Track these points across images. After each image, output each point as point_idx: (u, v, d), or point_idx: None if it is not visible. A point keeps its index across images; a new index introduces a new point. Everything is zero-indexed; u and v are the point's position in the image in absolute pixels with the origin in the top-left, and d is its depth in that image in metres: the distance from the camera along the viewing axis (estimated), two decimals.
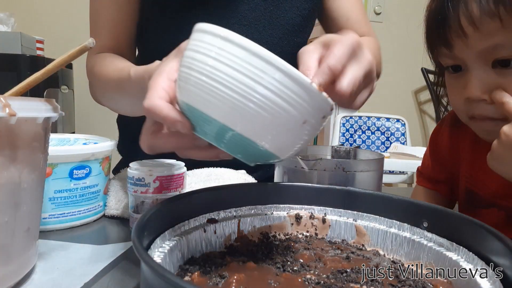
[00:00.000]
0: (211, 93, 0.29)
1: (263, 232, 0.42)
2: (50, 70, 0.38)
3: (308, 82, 0.29)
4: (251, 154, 0.32)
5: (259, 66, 0.28)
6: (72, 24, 2.15)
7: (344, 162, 0.49)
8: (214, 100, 0.29)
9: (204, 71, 0.29)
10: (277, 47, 0.75)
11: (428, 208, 0.37)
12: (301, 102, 0.29)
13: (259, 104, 0.28)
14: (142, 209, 0.51)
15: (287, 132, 0.30)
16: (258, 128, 0.29)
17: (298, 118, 0.30)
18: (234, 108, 0.29)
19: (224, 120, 0.29)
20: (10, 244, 0.34)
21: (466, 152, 0.63)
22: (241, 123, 0.29)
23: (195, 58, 0.30)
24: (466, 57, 0.49)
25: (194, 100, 0.30)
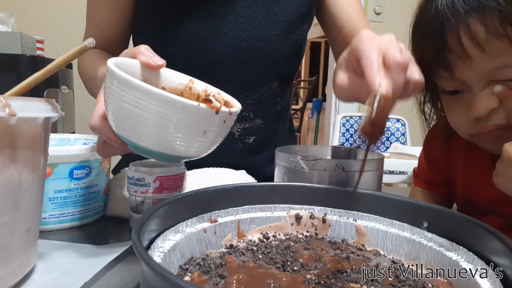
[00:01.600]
0: (125, 122, 0.37)
1: (263, 232, 0.42)
2: (50, 70, 0.38)
3: (195, 105, 0.35)
4: (174, 159, 0.41)
5: (157, 105, 0.35)
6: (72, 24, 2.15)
7: (344, 162, 0.49)
8: (127, 127, 0.38)
9: (114, 107, 0.37)
10: (275, 44, 0.75)
11: (428, 208, 0.37)
12: (194, 121, 0.36)
13: (165, 129, 0.36)
14: (142, 209, 0.51)
15: (196, 142, 0.38)
16: (173, 146, 0.38)
17: (198, 132, 0.37)
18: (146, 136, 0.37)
19: (131, 139, 0.38)
20: (10, 244, 0.34)
21: (460, 160, 0.62)
22: (155, 145, 0.38)
23: (106, 94, 0.38)
24: (468, 78, 0.48)
25: (114, 125, 0.39)
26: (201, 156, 0.42)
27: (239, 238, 0.41)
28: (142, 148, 0.38)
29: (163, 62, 0.44)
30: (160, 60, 0.44)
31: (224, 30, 0.72)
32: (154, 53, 0.45)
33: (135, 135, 0.38)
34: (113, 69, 0.36)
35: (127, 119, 0.37)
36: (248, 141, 0.80)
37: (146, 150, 0.39)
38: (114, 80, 0.36)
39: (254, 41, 0.74)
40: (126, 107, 0.36)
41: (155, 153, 0.39)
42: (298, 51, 0.80)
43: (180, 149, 0.38)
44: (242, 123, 0.79)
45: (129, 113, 0.36)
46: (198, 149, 0.40)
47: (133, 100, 0.35)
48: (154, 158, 0.41)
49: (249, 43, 0.73)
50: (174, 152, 0.38)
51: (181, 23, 0.71)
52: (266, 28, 0.74)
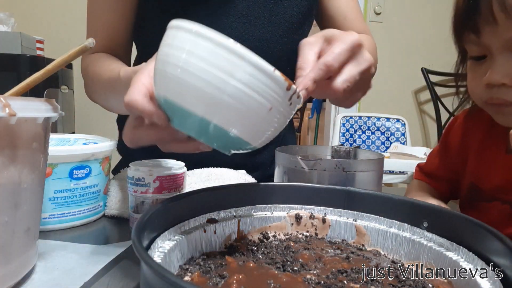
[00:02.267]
0: (184, 86, 0.31)
1: (263, 232, 0.42)
2: (50, 70, 0.38)
3: (271, 69, 0.31)
4: (225, 142, 0.34)
5: (228, 59, 0.30)
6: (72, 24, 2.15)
7: (344, 162, 0.49)
8: (187, 92, 0.31)
9: (178, 66, 0.30)
10: (277, 44, 0.75)
11: (428, 208, 0.37)
12: (266, 89, 0.31)
13: (231, 96, 0.30)
14: (142, 209, 0.51)
15: (256, 120, 0.32)
16: (230, 118, 0.31)
17: (265, 105, 0.31)
18: (205, 99, 0.30)
19: (196, 111, 0.31)
20: (10, 244, 0.34)
21: (474, 149, 0.65)
22: (213, 114, 0.31)
23: (169, 54, 0.31)
24: (492, 44, 0.50)
25: (169, 93, 0.32)
26: (253, 144, 0.35)
27: (239, 238, 0.41)
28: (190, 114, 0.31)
29: None
30: None
31: (227, 30, 0.72)
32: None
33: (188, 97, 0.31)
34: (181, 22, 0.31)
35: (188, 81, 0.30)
36: None
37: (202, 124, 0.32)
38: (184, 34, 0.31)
39: (256, 41, 0.74)
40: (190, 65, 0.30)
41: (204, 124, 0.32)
42: None
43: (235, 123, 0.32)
44: None
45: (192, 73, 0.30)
46: (256, 130, 0.33)
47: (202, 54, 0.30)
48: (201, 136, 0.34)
49: (251, 43, 0.73)
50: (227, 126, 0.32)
51: None
52: (268, 28, 0.74)
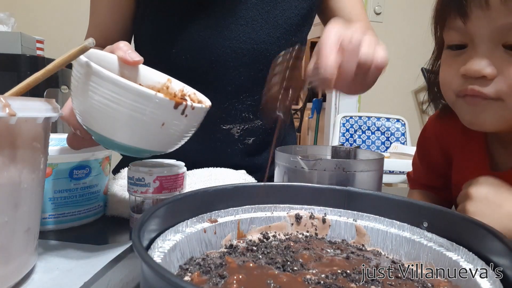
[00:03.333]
0: (87, 113, 0.38)
1: (263, 232, 0.42)
2: (50, 70, 0.38)
3: (153, 94, 0.35)
4: (136, 152, 0.40)
5: (115, 90, 0.35)
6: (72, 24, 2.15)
7: (344, 162, 0.49)
8: (90, 117, 0.38)
9: (80, 97, 0.37)
10: (275, 46, 0.75)
11: (428, 208, 0.37)
12: (152, 110, 0.36)
13: (126, 122, 0.36)
14: (142, 209, 0.51)
15: (155, 135, 0.38)
16: (130, 137, 0.38)
17: (156, 122, 0.37)
18: (107, 125, 0.37)
19: (100, 132, 0.38)
20: (10, 244, 0.34)
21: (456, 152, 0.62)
22: (115, 135, 0.38)
23: (73, 84, 0.38)
24: (478, 31, 0.47)
25: (79, 115, 0.39)
26: (166, 151, 0.42)
27: (239, 238, 0.41)
28: (103, 138, 0.38)
29: (140, 58, 0.45)
30: (137, 56, 0.45)
31: (225, 32, 0.72)
32: (133, 49, 0.45)
33: (95, 124, 0.38)
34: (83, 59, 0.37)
35: (87, 107, 0.37)
36: (248, 142, 0.81)
37: (107, 140, 0.38)
38: (78, 67, 0.37)
39: (255, 43, 0.74)
40: (84, 94, 0.36)
41: (117, 144, 0.38)
42: None
43: (140, 141, 0.38)
44: (242, 124, 0.79)
45: (87, 100, 0.36)
46: (160, 143, 0.40)
47: (91, 86, 0.35)
48: (119, 150, 0.41)
49: (250, 45, 0.73)
50: (133, 144, 0.38)
51: (182, 25, 0.72)
52: (267, 30, 0.74)
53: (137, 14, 0.76)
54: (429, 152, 0.67)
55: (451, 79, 0.51)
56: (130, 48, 0.45)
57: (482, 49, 0.47)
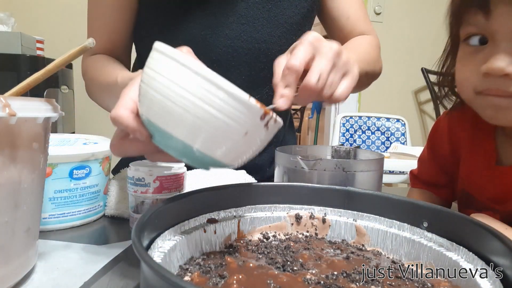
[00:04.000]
0: (165, 110, 0.32)
1: (263, 232, 0.42)
2: (50, 70, 0.38)
3: (246, 98, 0.32)
4: (203, 162, 0.36)
5: (206, 87, 0.31)
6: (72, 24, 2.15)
7: (344, 162, 0.49)
8: (167, 116, 0.33)
9: (159, 90, 0.32)
10: (276, 45, 0.75)
11: (428, 208, 0.37)
12: (241, 116, 0.32)
13: (207, 121, 0.32)
14: (142, 209, 0.51)
15: (232, 144, 0.34)
16: (207, 143, 0.33)
17: (240, 130, 0.33)
18: (185, 125, 0.32)
19: (175, 133, 0.33)
20: (10, 244, 0.34)
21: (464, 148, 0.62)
22: (192, 139, 0.33)
23: (152, 77, 0.33)
24: (501, 28, 0.45)
25: (150, 114, 0.34)
26: (231, 165, 0.37)
27: (239, 238, 0.41)
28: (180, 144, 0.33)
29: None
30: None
31: (226, 31, 0.72)
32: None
33: (175, 127, 0.33)
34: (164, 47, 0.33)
35: (167, 105, 0.32)
36: None
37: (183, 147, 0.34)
38: (166, 61, 0.32)
39: (255, 42, 0.74)
40: (168, 90, 0.32)
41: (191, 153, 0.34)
42: None
43: (218, 150, 0.34)
44: None
45: (169, 97, 0.32)
46: (235, 154, 0.35)
47: (181, 82, 0.32)
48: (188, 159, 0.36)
49: (250, 44, 0.73)
50: (210, 153, 0.34)
51: (182, 23, 0.72)
52: (267, 29, 0.74)
53: (138, 14, 0.76)
54: (439, 146, 0.67)
55: (470, 77, 0.50)
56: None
57: (504, 47, 0.45)
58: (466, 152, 0.62)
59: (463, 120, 0.60)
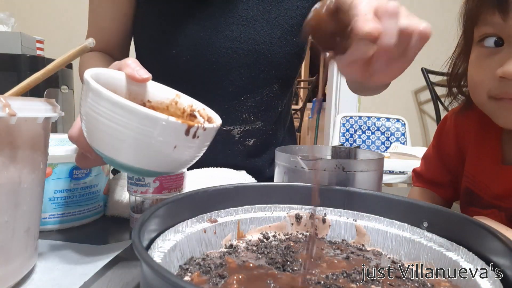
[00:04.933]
0: (96, 136, 0.37)
1: (263, 232, 0.42)
2: (50, 70, 0.38)
3: (165, 118, 0.34)
4: (147, 174, 0.40)
5: (125, 115, 0.34)
6: (72, 24, 2.15)
7: (344, 162, 0.49)
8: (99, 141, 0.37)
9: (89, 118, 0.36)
10: (276, 46, 0.75)
11: (428, 208, 0.37)
12: (164, 134, 0.35)
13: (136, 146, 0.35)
14: (142, 209, 0.51)
15: (166, 158, 0.37)
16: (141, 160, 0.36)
17: (169, 145, 0.35)
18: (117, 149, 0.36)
19: (109, 155, 0.37)
20: (10, 244, 0.34)
21: (471, 146, 0.62)
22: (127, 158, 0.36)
23: (82, 105, 0.37)
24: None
25: (87, 135, 0.38)
26: (177, 171, 0.41)
27: (239, 238, 0.41)
28: (113, 161, 0.37)
29: (149, 75, 0.43)
30: (146, 74, 0.43)
31: (226, 32, 0.72)
32: (141, 66, 0.44)
33: (105, 147, 0.37)
34: (86, 77, 0.36)
35: (96, 130, 0.36)
36: (248, 143, 0.80)
37: (117, 163, 0.37)
38: (87, 91, 0.36)
39: (255, 44, 0.74)
40: (94, 117, 0.35)
41: (126, 167, 0.37)
42: (299, 54, 0.80)
43: (151, 163, 0.37)
44: (243, 126, 0.79)
45: (97, 124, 0.35)
46: (171, 165, 0.38)
47: (101, 110, 0.34)
48: (127, 171, 0.40)
49: (250, 46, 0.73)
50: (144, 166, 0.37)
51: (182, 25, 0.72)
52: (268, 30, 0.74)
53: (137, 15, 0.76)
54: (445, 144, 0.67)
55: (484, 80, 0.49)
56: (138, 65, 0.44)
57: None
58: (472, 150, 0.62)
59: (470, 120, 0.60)
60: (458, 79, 0.57)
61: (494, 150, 0.57)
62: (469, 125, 0.62)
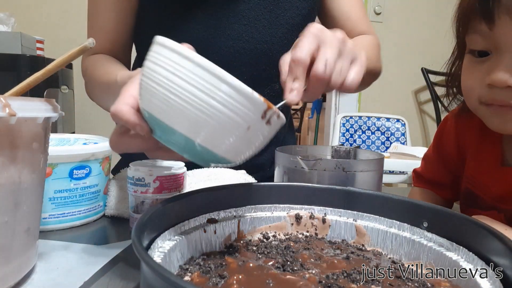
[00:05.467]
0: (166, 103, 0.32)
1: (263, 232, 0.42)
2: (50, 70, 0.38)
3: (250, 91, 0.31)
4: (205, 158, 0.35)
5: (208, 80, 0.31)
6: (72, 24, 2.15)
7: (344, 162, 0.49)
8: (169, 109, 0.32)
9: (161, 83, 0.32)
10: (277, 46, 0.75)
11: (428, 208, 0.37)
12: (244, 110, 0.32)
13: (209, 115, 0.31)
14: (142, 209, 0.51)
15: (235, 139, 0.33)
16: (209, 137, 0.33)
17: (243, 125, 0.32)
18: (187, 118, 0.32)
19: (177, 127, 0.33)
20: (10, 244, 0.34)
21: (471, 147, 0.62)
22: (194, 133, 0.32)
23: (153, 70, 0.33)
24: (505, 38, 0.45)
25: (151, 107, 0.33)
26: (233, 161, 0.36)
27: (239, 238, 0.41)
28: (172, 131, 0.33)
29: None
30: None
31: (227, 32, 0.72)
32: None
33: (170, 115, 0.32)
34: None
35: (171, 100, 0.32)
36: None
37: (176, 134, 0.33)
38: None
39: (257, 43, 0.74)
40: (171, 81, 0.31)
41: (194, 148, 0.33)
42: None
43: (215, 141, 0.33)
44: None
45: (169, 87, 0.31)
46: (238, 149, 0.35)
47: (184, 73, 0.31)
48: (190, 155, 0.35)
49: (252, 45, 0.73)
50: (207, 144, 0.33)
51: (184, 24, 0.72)
52: (269, 30, 0.74)
53: (138, 15, 0.76)
54: (445, 145, 0.67)
55: (474, 87, 0.50)
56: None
57: (507, 58, 0.45)
58: (472, 152, 0.62)
59: (471, 121, 0.60)
60: (457, 79, 0.58)
61: (494, 151, 0.58)
62: (469, 127, 0.62)
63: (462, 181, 0.64)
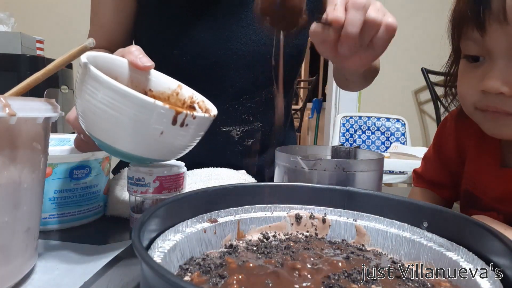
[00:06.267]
0: (89, 119, 0.38)
1: (263, 232, 0.42)
2: (50, 70, 0.38)
3: (152, 102, 0.35)
4: (137, 160, 0.41)
5: (116, 98, 0.35)
6: (72, 24, 2.15)
7: (344, 162, 0.49)
8: (92, 124, 0.38)
9: (83, 101, 0.37)
10: (276, 48, 0.75)
11: (428, 208, 0.37)
12: (151, 119, 0.35)
13: (125, 128, 0.36)
14: (142, 209, 0.51)
15: (153, 143, 0.37)
16: (129, 145, 0.37)
17: (156, 131, 0.36)
18: (107, 133, 0.37)
19: (101, 138, 0.38)
20: (10, 244, 0.34)
21: (471, 148, 0.62)
22: (117, 142, 0.38)
23: (77, 88, 0.38)
24: (496, 46, 0.46)
25: (82, 120, 0.39)
26: (169, 159, 0.41)
27: (239, 238, 0.41)
28: (103, 144, 0.38)
29: (151, 64, 0.44)
30: (148, 62, 0.44)
31: (226, 34, 0.72)
32: (144, 54, 0.44)
33: (95, 129, 0.38)
34: (82, 60, 0.37)
35: (86, 111, 0.37)
36: (247, 143, 0.81)
37: (108, 147, 0.38)
38: (83, 73, 0.37)
39: (256, 45, 0.74)
40: (87, 99, 0.36)
41: (118, 151, 0.38)
42: (299, 56, 0.80)
43: (139, 148, 0.38)
44: (242, 126, 0.79)
45: (85, 103, 0.37)
46: (160, 151, 0.39)
47: (90, 91, 0.35)
48: (120, 157, 0.41)
49: (251, 47, 0.74)
50: (133, 151, 0.38)
51: (182, 26, 0.72)
52: (268, 32, 0.74)
53: (138, 15, 0.76)
54: (445, 146, 0.67)
55: (469, 92, 0.51)
56: (141, 53, 0.44)
57: (499, 65, 0.46)
58: (472, 153, 0.62)
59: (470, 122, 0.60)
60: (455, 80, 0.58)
61: (493, 152, 0.58)
62: (468, 128, 0.62)
63: (462, 182, 0.64)
